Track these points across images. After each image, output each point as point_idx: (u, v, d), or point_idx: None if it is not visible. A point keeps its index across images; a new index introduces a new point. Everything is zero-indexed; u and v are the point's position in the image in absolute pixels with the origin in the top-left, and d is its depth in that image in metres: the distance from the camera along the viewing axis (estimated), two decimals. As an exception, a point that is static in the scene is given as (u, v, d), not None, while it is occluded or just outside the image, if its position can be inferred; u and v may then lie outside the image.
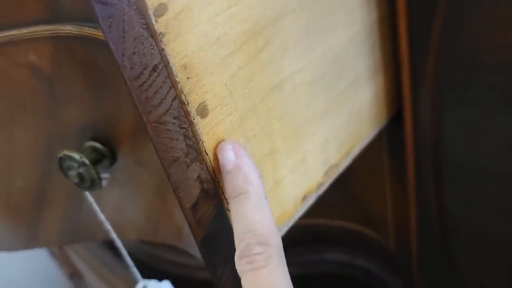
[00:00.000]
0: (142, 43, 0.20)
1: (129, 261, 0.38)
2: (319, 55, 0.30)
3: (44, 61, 0.29)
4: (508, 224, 0.36)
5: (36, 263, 0.97)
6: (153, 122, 0.21)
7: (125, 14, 0.19)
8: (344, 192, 0.55)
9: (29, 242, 0.41)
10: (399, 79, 0.37)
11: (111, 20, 0.18)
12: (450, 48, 0.32)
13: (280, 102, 0.28)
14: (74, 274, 0.94)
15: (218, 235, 0.26)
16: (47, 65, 0.29)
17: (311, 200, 0.34)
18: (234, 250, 0.28)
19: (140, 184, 0.33)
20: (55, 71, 0.29)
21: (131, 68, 0.20)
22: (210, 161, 0.25)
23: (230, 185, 0.24)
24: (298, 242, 0.61)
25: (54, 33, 0.26)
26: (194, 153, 0.24)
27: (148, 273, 0.42)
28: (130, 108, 0.27)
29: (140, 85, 0.20)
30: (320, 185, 0.34)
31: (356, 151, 0.37)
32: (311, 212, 0.60)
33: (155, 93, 0.21)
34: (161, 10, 0.20)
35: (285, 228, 0.33)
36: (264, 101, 0.27)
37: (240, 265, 0.22)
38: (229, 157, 0.24)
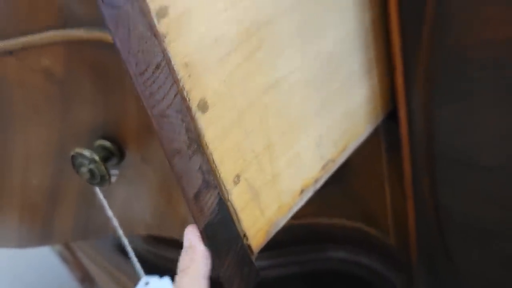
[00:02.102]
0: (146, 42, 0.22)
1: (134, 257, 0.40)
2: (313, 55, 0.32)
3: (57, 66, 0.31)
4: (499, 213, 0.37)
5: (47, 268, 0.99)
6: (157, 115, 0.23)
7: (129, 15, 0.21)
8: (345, 191, 0.57)
9: (43, 239, 0.43)
10: (393, 77, 0.39)
11: (117, 21, 0.21)
12: (440, 46, 0.34)
13: (276, 100, 0.30)
14: (85, 278, 0.96)
15: (219, 223, 0.28)
16: (60, 69, 0.31)
17: (308, 194, 0.36)
18: (235, 237, 0.30)
19: (147, 180, 0.35)
20: (67, 74, 0.31)
21: (136, 64, 0.22)
22: (211, 154, 0.27)
23: (181, 260, 0.29)
24: (302, 240, 0.63)
25: (66, 38, 0.28)
26: (196, 146, 0.25)
27: (155, 273, 0.44)
28: (135, 107, 0.29)
29: (145, 81, 0.22)
30: (317, 179, 0.36)
31: (352, 147, 0.39)
32: (314, 211, 0.61)
33: (158, 88, 0.23)
34: (163, 12, 0.23)
35: (283, 221, 0.34)
36: (261, 98, 0.29)
37: None
38: (190, 238, 0.29)
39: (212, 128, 0.27)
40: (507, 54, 0.30)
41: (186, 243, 0.29)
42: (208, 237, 0.28)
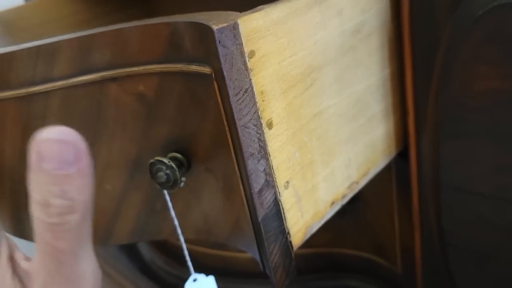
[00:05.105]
0: (241, 73, 0.31)
1: (187, 255, 0.47)
2: (347, 96, 0.42)
3: (149, 91, 0.39)
4: (496, 236, 0.45)
5: None
6: (241, 126, 0.32)
7: (234, 54, 0.30)
8: (358, 223, 0.65)
9: (103, 239, 0.50)
10: (406, 121, 0.48)
11: (226, 57, 0.30)
12: (445, 95, 0.43)
13: (319, 126, 0.39)
14: None
15: (272, 217, 0.36)
16: (151, 93, 0.39)
17: (336, 207, 0.44)
18: (282, 231, 0.38)
19: (207, 187, 0.43)
20: (157, 98, 0.39)
21: (233, 88, 0.31)
22: (271, 161, 0.35)
23: None
24: (318, 268, 0.69)
25: (164, 70, 0.37)
26: (263, 152, 0.34)
27: None
28: (212, 125, 0.38)
29: (237, 100, 0.31)
30: (344, 195, 0.44)
31: (372, 173, 0.47)
32: (328, 241, 0.68)
33: (245, 106, 0.32)
34: (252, 54, 0.32)
35: (316, 226, 0.42)
36: (308, 123, 0.38)
37: None
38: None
39: (273, 142, 0.35)
40: (495, 102, 0.39)
41: None
42: (264, 227, 0.36)
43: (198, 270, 0.52)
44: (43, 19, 0.86)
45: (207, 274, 0.47)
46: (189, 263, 0.47)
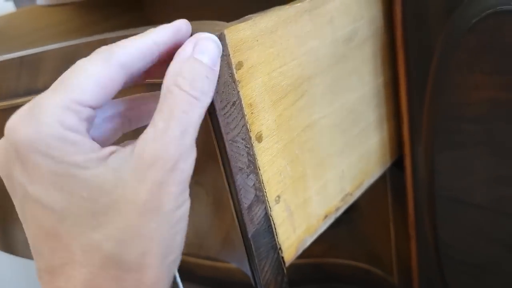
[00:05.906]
0: (228, 85, 0.30)
1: (177, 276, 0.46)
2: (339, 106, 0.41)
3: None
4: (492, 248, 0.44)
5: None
6: (229, 140, 0.31)
7: (220, 66, 0.29)
8: (352, 233, 0.63)
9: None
10: (400, 130, 0.47)
11: (212, 70, 0.29)
12: (440, 105, 0.42)
13: (310, 138, 0.38)
14: None
15: (263, 233, 0.35)
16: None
17: (330, 221, 0.42)
18: (274, 247, 0.36)
19: (197, 201, 0.41)
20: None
21: (220, 101, 0.30)
22: (261, 175, 0.34)
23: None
24: (313, 279, 0.68)
25: (149, 81, 0.36)
26: (252, 167, 0.33)
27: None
28: (201, 139, 0.37)
29: (224, 114, 0.30)
30: (337, 208, 0.43)
31: (366, 184, 0.46)
32: (321, 252, 0.67)
33: (232, 120, 0.31)
34: (239, 65, 0.31)
35: (309, 241, 0.41)
36: (299, 136, 0.37)
37: None
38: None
39: (263, 155, 0.34)
40: (491, 112, 0.38)
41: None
42: (254, 243, 0.34)
43: (191, 281, 0.51)
44: (33, 27, 0.85)
45: (200, 285, 0.46)
46: (177, 275, 0.46)
